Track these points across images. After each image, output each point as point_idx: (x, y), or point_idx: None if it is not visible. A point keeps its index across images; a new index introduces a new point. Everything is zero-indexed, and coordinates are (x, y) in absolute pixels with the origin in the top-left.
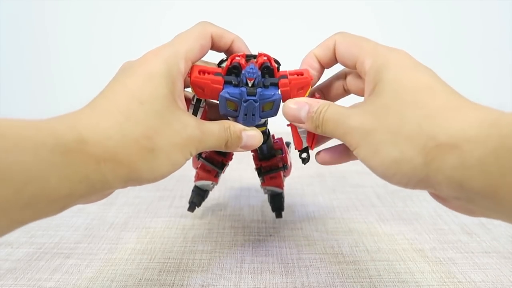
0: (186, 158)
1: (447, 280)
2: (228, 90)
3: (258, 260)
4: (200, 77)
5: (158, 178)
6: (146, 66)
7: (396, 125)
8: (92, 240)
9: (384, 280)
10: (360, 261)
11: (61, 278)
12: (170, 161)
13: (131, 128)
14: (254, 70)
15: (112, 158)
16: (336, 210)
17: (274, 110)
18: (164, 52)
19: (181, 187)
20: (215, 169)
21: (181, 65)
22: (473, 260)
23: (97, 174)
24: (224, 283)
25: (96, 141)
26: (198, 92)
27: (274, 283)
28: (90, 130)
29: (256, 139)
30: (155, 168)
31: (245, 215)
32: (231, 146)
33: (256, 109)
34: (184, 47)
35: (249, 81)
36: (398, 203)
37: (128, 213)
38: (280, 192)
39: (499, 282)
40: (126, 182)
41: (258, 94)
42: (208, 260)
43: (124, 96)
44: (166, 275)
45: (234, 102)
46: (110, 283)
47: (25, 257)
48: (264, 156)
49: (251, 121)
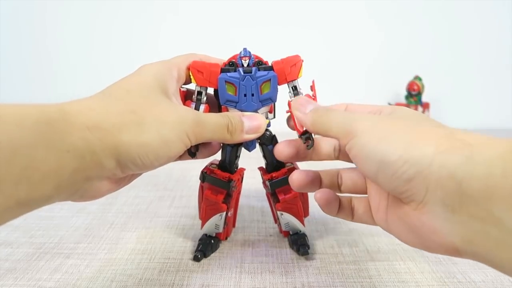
0: (181, 140)
1: (447, 280)
2: (226, 73)
3: (258, 260)
4: (199, 62)
5: (150, 156)
6: (139, 70)
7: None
8: (92, 240)
9: (384, 280)
10: (360, 261)
11: (61, 278)
12: (161, 136)
13: (115, 103)
14: (247, 51)
15: (96, 126)
16: None
17: (272, 91)
18: (159, 61)
19: (181, 187)
20: (222, 189)
21: (173, 71)
22: (473, 260)
23: (83, 142)
24: (224, 283)
25: (78, 112)
26: (198, 77)
27: (274, 283)
28: (73, 104)
29: (259, 119)
30: (145, 142)
31: (245, 215)
32: (235, 132)
33: (255, 88)
34: (176, 60)
35: (244, 60)
36: None
37: (128, 213)
38: (302, 231)
39: (499, 282)
40: (118, 160)
41: (254, 71)
42: (208, 260)
43: (113, 87)
44: (166, 275)
45: (232, 83)
46: (110, 283)
47: (25, 257)
48: (273, 165)
49: (251, 103)
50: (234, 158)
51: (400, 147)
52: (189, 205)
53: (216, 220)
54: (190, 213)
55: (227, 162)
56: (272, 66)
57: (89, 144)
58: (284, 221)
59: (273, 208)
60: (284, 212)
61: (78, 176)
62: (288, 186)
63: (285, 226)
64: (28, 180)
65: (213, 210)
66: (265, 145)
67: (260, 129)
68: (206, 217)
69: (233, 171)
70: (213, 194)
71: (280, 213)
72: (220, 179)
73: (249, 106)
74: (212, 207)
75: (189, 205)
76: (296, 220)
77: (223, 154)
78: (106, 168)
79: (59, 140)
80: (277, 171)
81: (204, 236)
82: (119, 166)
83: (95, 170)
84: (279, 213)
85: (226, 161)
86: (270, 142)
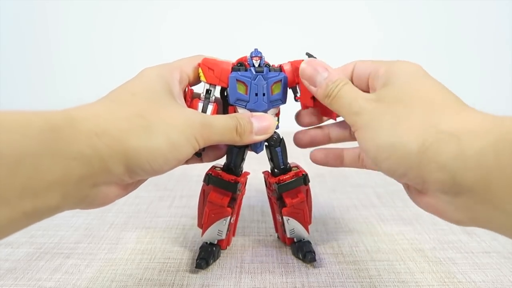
0: (190, 143)
1: (447, 280)
2: (238, 72)
3: (258, 260)
4: (210, 59)
5: (159, 160)
6: (141, 72)
7: (402, 114)
8: (92, 240)
9: (384, 280)
10: (360, 261)
11: (61, 278)
12: (170, 140)
13: (121, 108)
14: (258, 52)
15: (103, 132)
16: (336, 210)
17: (283, 93)
18: (160, 64)
19: (181, 187)
20: (227, 191)
21: (175, 73)
22: (473, 260)
23: (90, 149)
24: (224, 283)
25: (84, 118)
26: (208, 75)
27: (274, 283)
28: (79, 110)
29: (268, 119)
30: (154, 146)
31: (245, 215)
32: (244, 133)
33: (266, 88)
34: (178, 63)
35: (255, 60)
36: (398, 203)
37: (128, 213)
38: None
39: (499, 282)
40: (127, 165)
41: (265, 71)
42: None
43: (118, 91)
44: (166, 275)
45: (244, 82)
46: (110, 283)
47: (25, 257)
48: (279, 169)
49: (262, 102)
50: (240, 160)
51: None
52: (189, 205)
53: (220, 225)
54: (190, 213)
55: (233, 164)
56: (281, 68)
57: (97, 150)
58: (290, 227)
59: (276, 214)
60: (290, 217)
61: (85, 183)
62: (295, 190)
63: (290, 232)
64: (33, 190)
65: (217, 215)
66: (273, 147)
67: (270, 130)
68: (209, 222)
69: (238, 174)
70: (218, 197)
71: (286, 218)
72: (226, 180)
73: (260, 106)
74: (216, 211)
75: (189, 205)
76: (301, 227)
77: (229, 156)
78: (114, 174)
79: (65, 147)
80: (284, 174)
81: (205, 244)
82: (128, 171)
83: (103, 177)
84: (285, 218)
85: (232, 163)
86: (278, 144)
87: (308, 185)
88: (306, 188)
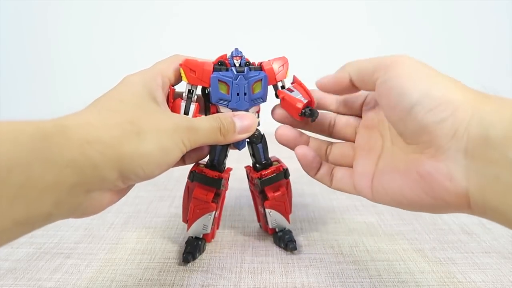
0: (178, 147)
1: (447, 280)
2: (219, 72)
3: (258, 260)
4: (192, 60)
5: (152, 165)
6: (125, 80)
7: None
8: (92, 240)
9: (384, 280)
10: (360, 261)
11: (61, 278)
12: (160, 145)
13: (112, 115)
14: (238, 51)
15: (96, 140)
16: (336, 210)
17: (263, 91)
18: (141, 71)
19: (181, 187)
20: (211, 187)
21: (158, 79)
22: (473, 260)
23: (83, 157)
24: (224, 283)
25: (77, 126)
26: (190, 76)
27: (274, 283)
28: (70, 119)
29: (250, 118)
30: (145, 152)
31: (245, 215)
32: (228, 133)
33: (247, 88)
34: (158, 67)
35: (236, 60)
36: None
37: (128, 213)
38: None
39: (499, 282)
40: (121, 171)
41: (246, 70)
42: (208, 260)
43: (104, 98)
44: (166, 275)
45: (225, 82)
46: (110, 283)
47: (25, 257)
48: (261, 164)
49: (243, 101)
50: (223, 157)
51: (443, 88)
52: None
53: (205, 220)
54: None
55: (216, 161)
56: (262, 66)
57: (90, 158)
58: (272, 219)
59: (258, 206)
60: (272, 209)
61: (78, 190)
62: (277, 184)
63: (272, 223)
64: (25, 198)
65: (202, 210)
66: (255, 144)
67: (252, 128)
68: (194, 217)
69: (222, 170)
70: (202, 193)
71: (268, 211)
72: (210, 177)
73: (241, 105)
74: (201, 207)
75: None
76: (282, 218)
77: (212, 153)
78: (108, 180)
79: (57, 155)
80: (266, 169)
81: (191, 238)
82: (121, 177)
83: (96, 183)
84: (267, 211)
85: (215, 161)
86: (260, 141)
87: (288, 178)
88: (286, 181)
